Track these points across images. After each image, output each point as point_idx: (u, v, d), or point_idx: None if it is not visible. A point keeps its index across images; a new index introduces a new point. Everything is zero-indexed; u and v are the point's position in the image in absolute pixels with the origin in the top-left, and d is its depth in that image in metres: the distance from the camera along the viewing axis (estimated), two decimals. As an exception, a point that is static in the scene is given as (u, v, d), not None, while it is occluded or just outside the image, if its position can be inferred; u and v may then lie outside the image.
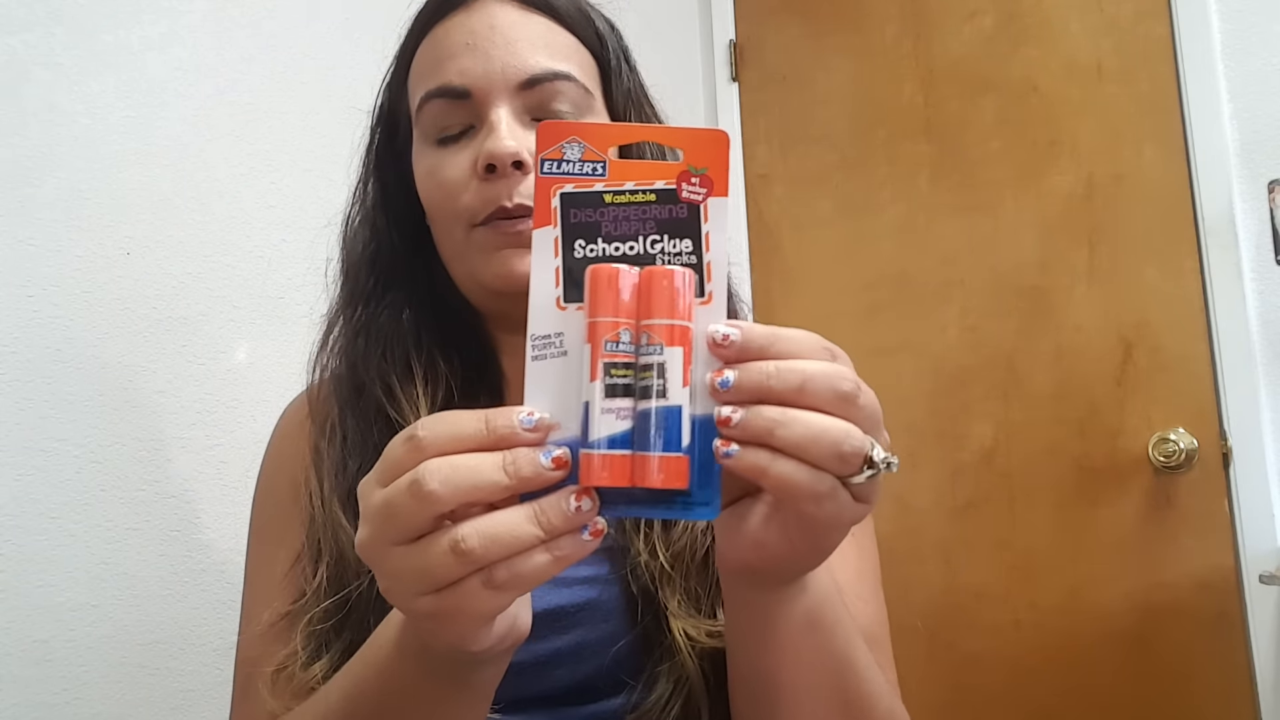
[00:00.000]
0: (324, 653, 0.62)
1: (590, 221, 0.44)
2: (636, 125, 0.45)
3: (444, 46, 0.68)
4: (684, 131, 0.45)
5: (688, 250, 0.44)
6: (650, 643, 0.62)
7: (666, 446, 0.41)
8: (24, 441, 1.05)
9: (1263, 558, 1.52)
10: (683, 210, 0.44)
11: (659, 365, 0.41)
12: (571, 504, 0.39)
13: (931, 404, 1.83)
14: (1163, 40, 1.69)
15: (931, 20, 1.92)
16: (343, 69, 1.41)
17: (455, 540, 0.38)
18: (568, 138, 0.45)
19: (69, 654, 1.05)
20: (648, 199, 0.44)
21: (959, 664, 1.76)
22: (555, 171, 0.44)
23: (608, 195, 0.44)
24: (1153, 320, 1.66)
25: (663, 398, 0.41)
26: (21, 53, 1.08)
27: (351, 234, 0.77)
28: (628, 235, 0.44)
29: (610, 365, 0.41)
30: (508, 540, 0.38)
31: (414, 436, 0.40)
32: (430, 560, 0.39)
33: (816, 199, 2.01)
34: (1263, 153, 1.59)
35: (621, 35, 0.74)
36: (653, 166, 0.45)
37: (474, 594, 0.39)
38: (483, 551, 0.38)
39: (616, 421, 0.41)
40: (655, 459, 0.40)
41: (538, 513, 0.39)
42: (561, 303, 0.43)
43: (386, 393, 0.68)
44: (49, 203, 1.09)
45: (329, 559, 0.65)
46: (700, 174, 0.44)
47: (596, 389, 0.41)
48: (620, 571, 0.64)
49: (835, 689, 0.54)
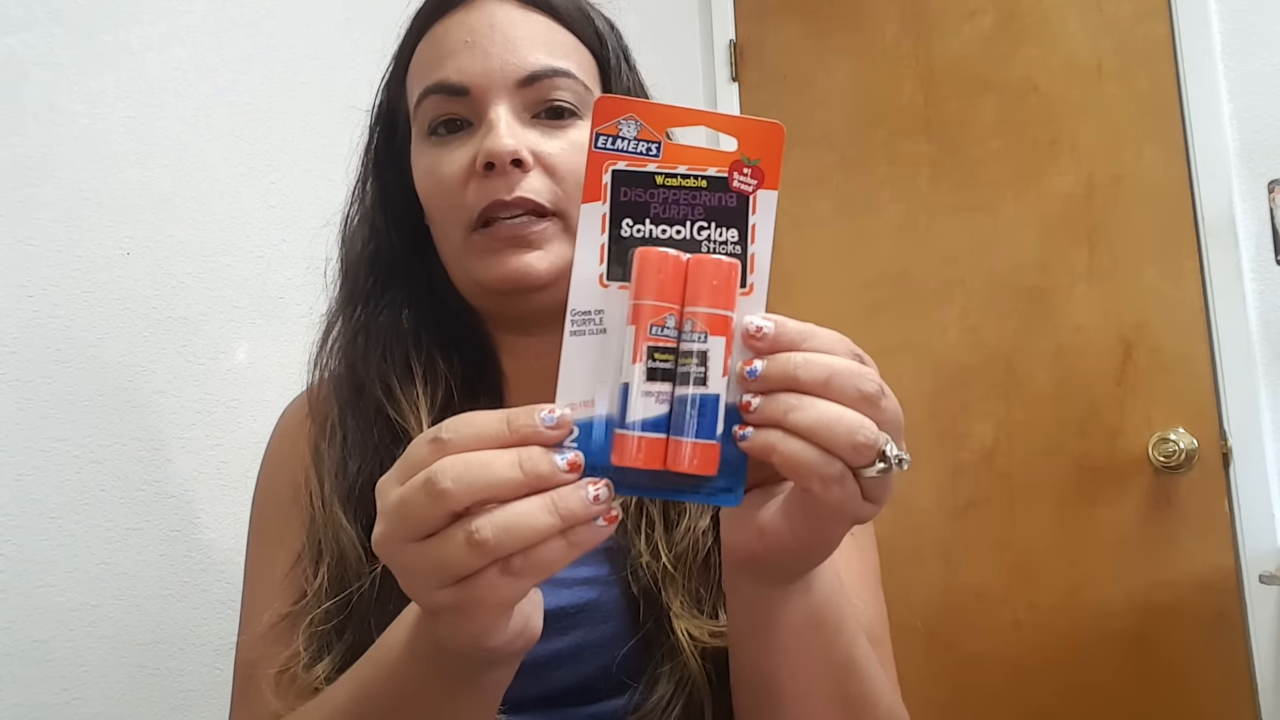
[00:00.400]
0: (326, 653, 0.62)
1: (640, 201, 0.44)
2: (695, 109, 0.45)
3: (443, 44, 0.68)
4: (742, 121, 0.45)
5: (733, 240, 0.44)
6: (651, 644, 0.62)
7: (701, 433, 0.41)
8: (24, 441, 1.05)
9: (1263, 558, 1.52)
10: (732, 199, 0.44)
11: (701, 353, 0.41)
12: (590, 493, 0.40)
13: (931, 404, 1.83)
14: (1163, 40, 1.69)
15: (931, 20, 1.92)
16: (342, 69, 1.41)
17: (470, 532, 0.38)
18: (625, 114, 0.44)
19: (69, 654, 1.05)
20: (699, 185, 0.44)
21: (959, 664, 1.76)
22: (609, 148, 0.44)
23: (659, 177, 0.44)
24: (1153, 320, 1.66)
25: (702, 385, 0.41)
26: (21, 53, 1.08)
27: (350, 233, 0.76)
28: (676, 219, 0.44)
29: (654, 349, 0.41)
30: (524, 532, 0.39)
31: (438, 438, 0.40)
32: (447, 553, 0.39)
33: (816, 199, 2.01)
34: (1263, 153, 1.59)
35: (621, 35, 0.74)
36: (707, 153, 0.44)
37: (492, 583, 0.39)
38: (497, 543, 0.38)
39: (655, 405, 0.41)
40: (689, 444, 0.41)
41: (556, 501, 0.39)
42: (604, 280, 0.43)
43: (386, 393, 0.68)
44: (49, 203, 1.09)
45: (330, 559, 0.64)
46: (753, 165, 0.44)
47: (638, 371, 0.41)
48: (621, 573, 0.64)
49: (837, 689, 0.54)
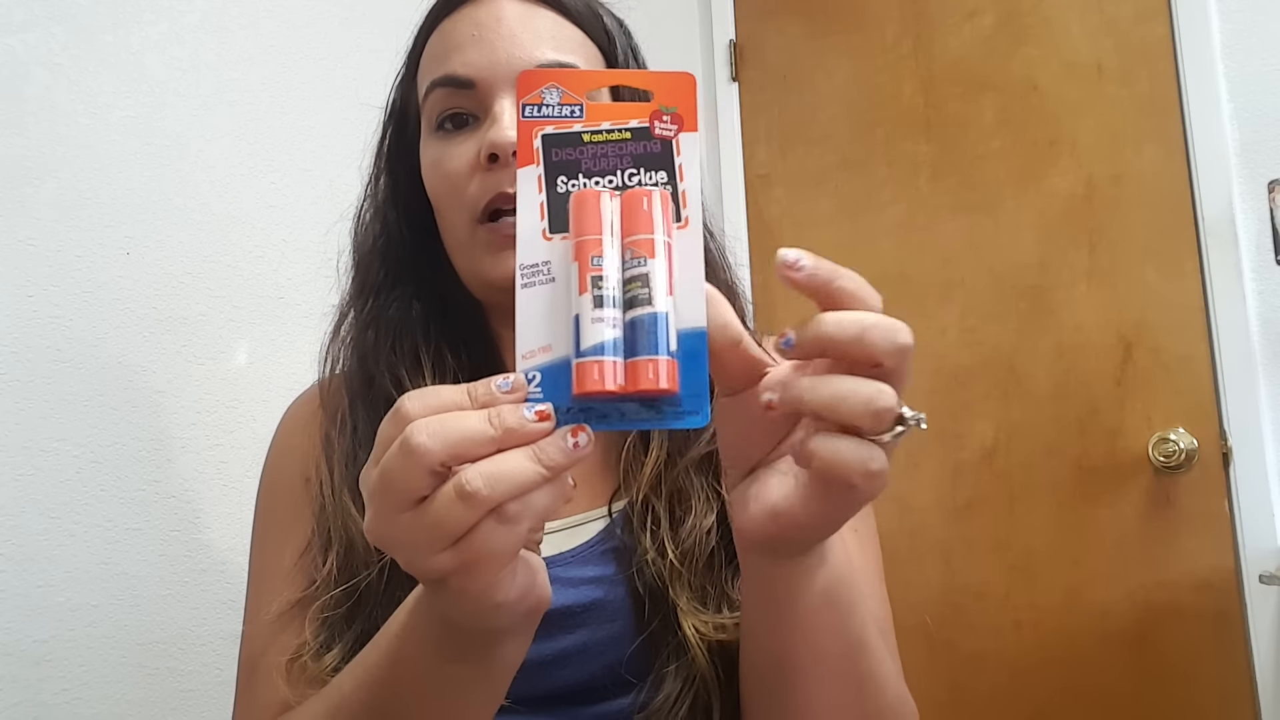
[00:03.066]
0: (335, 642, 0.62)
1: (570, 160, 0.46)
2: (609, 71, 0.50)
3: (451, 39, 0.69)
4: (653, 74, 0.48)
5: (663, 181, 0.46)
6: (657, 642, 0.62)
7: (655, 349, 0.42)
8: (24, 441, 1.05)
9: (1263, 558, 1.52)
10: (656, 145, 0.47)
11: (643, 275, 0.43)
12: (569, 441, 0.40)
13: (931, 404, 1.82)
14: (1163, 40, 1.68)
15: (931, 20, 1.92)
16: (343, 68, 1.41)
17: (460, 484, 0.39)
18: (547, 84, 0.48)
19: (69, 654, 1.05)
20: (623, 137, 0.47)
21: (959, 664, 1.75)
22: (536, 115, 0.47)
23: (586, 135, 0.47)
24: (1153, 320, 1.66)
25: (649, 305, 0.43)
26: (21, 53, 1.08)
27: (363, 228, 0.78)
28: (606, 170, 0.46)
29: (596, 278, 0.43)
30: (512, 478, 0.39)
31: (398, 410, 0.41)
32: (439, 513, 0.39)
33: (816, 199, 2.01)
34: (1263, 153, 1.59)
35: (630, 34, 0.75)
36: (626, 108, 0.47)
37: (490, 533, 0.40)
38: (489, 492, 0.39)
39: (607, 330, 0.42)
40: (646, 362, 0.42)
41: (538, 453, 0.40)
42: (547, 234, 0.45)
43: (396, 385, 0.69)
44: (49, 203, 1.09)
45: (339, 548, 0.65)
46: (671, 112, 0.47)
47: (586, 301, 0.43)
48: (627, 571, 0.64)
49: (850, 668, 0.54)
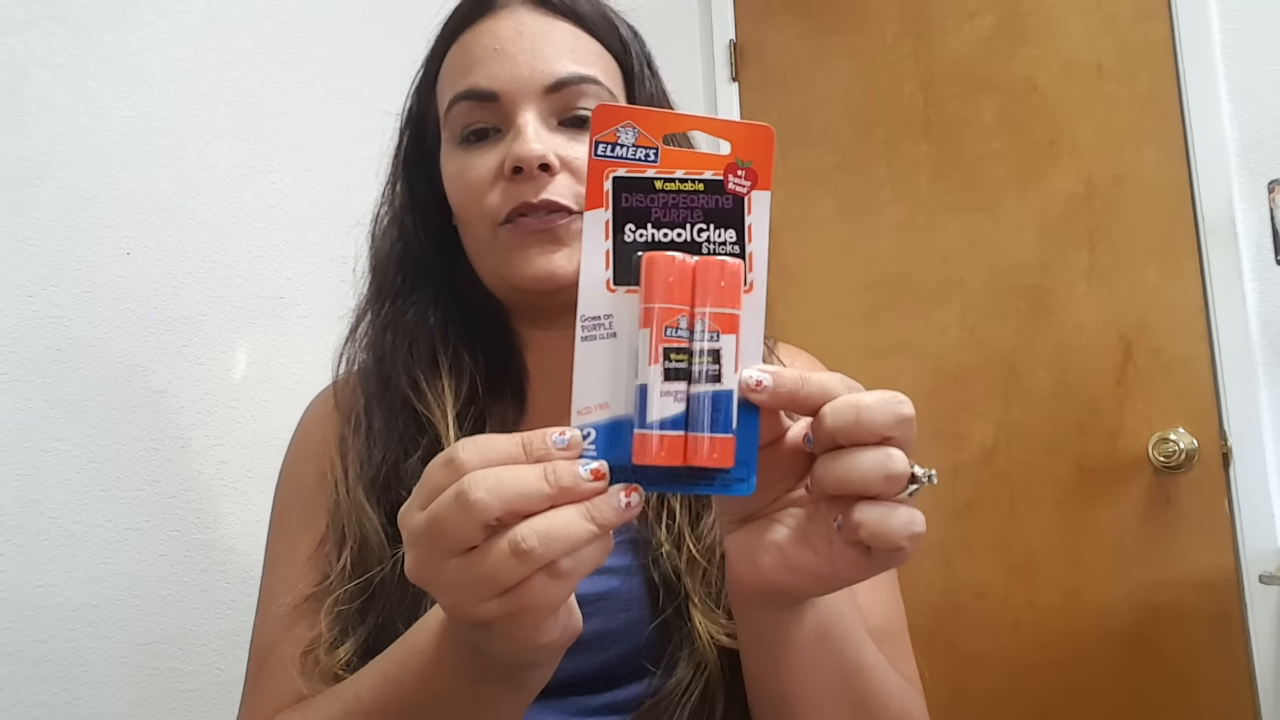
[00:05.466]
0: (349, 636, 0.63)
1: (641, 207, 0.45)
2: (689, 115, 0.48)
3: (472, 51, 0.70)
4: (733, 124, 0.47)
5: (732, 240, 0.46)
6: (670, 630, 0.63)
7: (718, 428, 0.43)
8: (24, 441, 1.05)
9: (1263, 558, 1.52)
10: (729, 201, 0.46)
11: (715, 351, 0.43)
12: (621, 501, 0.41)
13: (931, 404, 1.83)
14: (1163, 40, 1.68)
15: (931, 20, 1.92)
16: (343, 69, 1.41)
17: (515, 541, 0.39)
18: (623, 122, 0.46)
19: (69, 654, 1.05)
20: (696, 188, 0.46)
21: (959, 664, 1.75)
22: (609, 155, 0.45)
23: (658, 182, 0.45)
24: (1153, 320, 1.66)
25: (717, 382, 0.43)
26: (21, 53, 1.08)
27: (380, 233, 0.79)
28: (676, 222, 0.45)
29: (669, 350, 0.43)
30: (566, 537, 0.40)
31: (453, 459, 0.41)
32: (491, 565, 0.40)
33: (816, 199, 2.01)
34: (1263, 153, 1.59)
35: (644, 42, 0.76)
36: (701, 157, 0.46)
37: (541, 588, 0.40)
38: (543, 550, 0.39)
39: (673, 404, 0.42)
40: (707, 439, 0.42)
41: (591, 511, 0.41)
42: (611, 285, 0.45)
43: (412, 386, 0.70)
44: (49, 203, 1.09)
45: (353, 544, 0.66)
46: (746, 167, 0.47)
47: (656, 372, 0.42)
48: (642, 561, 0.65)
49: (847, 695, 0.55)
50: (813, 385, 0.44)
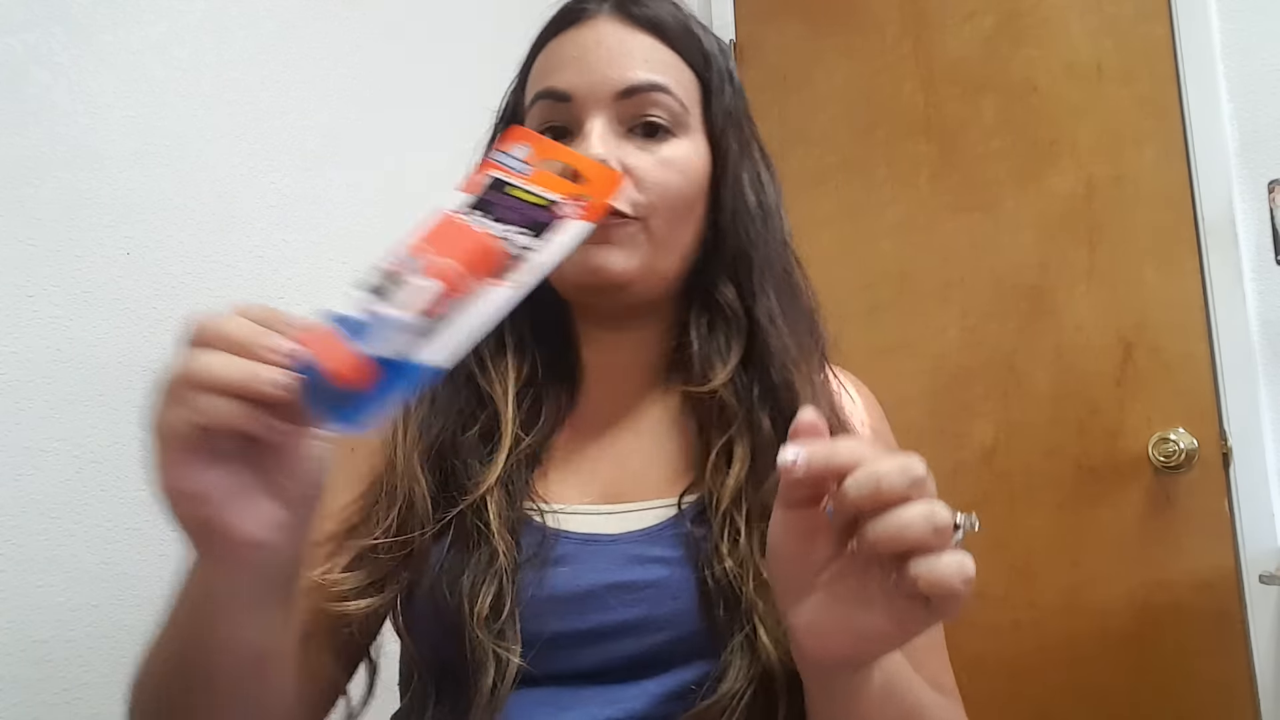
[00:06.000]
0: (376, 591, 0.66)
1: (492, 202, 0.54)
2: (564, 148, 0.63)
3: (556, 57, 0.74)
4: (592, 164, 0.59)
5: (523, 244, 0.52)
6: (722, 632, 0.65)
7: (362, 341, 0.45)
8: (24, 441, 1.05)
9: (1263, 558, 1.52)
10: (548, 218, 0.54)
11: (406, 279, 0.47)
12: (280, 378, 0.45)
13: (931, 404, 1.83)
14: (1163, 40, 1.68)
15: (931, 20, 1.92)
16: (343, 68, 1.41)
17: (194, 361, 0.48)
18: (522, 141, 0.58)
19: (69, 654, 1.05)
20: (538, 201, 0.55)
21: (958, 664, 1.74)
22: (498, 160, 0.57)
23: (511, 188, 0.55)
24: (1153, 320, 1.66)
25: (387, 302, 0.46)
26: (21, 53, 1.08)
27: None
28: (507, 220, 0.53)
29: (378, 269, 0.48)
30: (223, 374, 0.47)
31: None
32: (171, 377, 0.48)
33: (816, 199, 2.01)
34: (1263, 153, 1.59)
35: (730, 56, 0.79)
36: (564, 183, 0.56)
37: (174, 404, 0.48)
38: (204, 375, 0.47)
39: (355, 309, 0.46)
40: (346, 346, 0.45)
41: (259, 368, 0.46)
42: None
43: (478, 362, 0.74)
44: (49, 203, 1.09)
45: (401, 504, 0.69)
46: (585, 200, 0.55)
47: (366, 284, 0.48)
48: (694, 557, 0.67)
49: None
50: (843, 455, 0.47)
